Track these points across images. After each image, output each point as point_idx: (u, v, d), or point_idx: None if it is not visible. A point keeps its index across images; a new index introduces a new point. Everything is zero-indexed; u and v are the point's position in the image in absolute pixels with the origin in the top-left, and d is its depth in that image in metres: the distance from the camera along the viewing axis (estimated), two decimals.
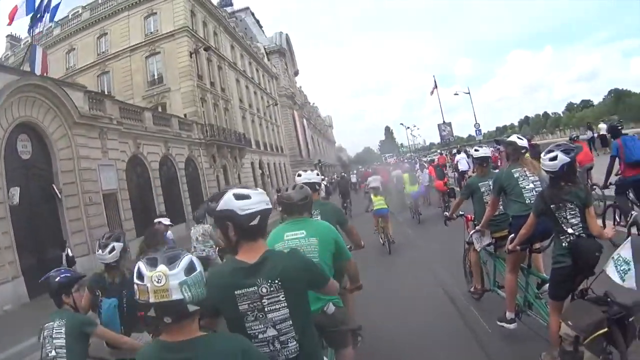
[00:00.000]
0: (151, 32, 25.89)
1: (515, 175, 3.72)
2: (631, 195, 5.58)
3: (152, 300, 1.35)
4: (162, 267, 1.37)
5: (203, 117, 25.52)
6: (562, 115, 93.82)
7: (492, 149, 12.32)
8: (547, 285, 3.15)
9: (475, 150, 4.90)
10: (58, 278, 2.77)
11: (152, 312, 1.36)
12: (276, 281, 1.73)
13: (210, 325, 1.76)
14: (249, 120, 35.89)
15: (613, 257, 2.60)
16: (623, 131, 6.00)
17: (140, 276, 1.38)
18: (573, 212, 2.85)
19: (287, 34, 57.72)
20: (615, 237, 3.26)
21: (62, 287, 2.76)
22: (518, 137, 3.91)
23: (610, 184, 5.86)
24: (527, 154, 3.96)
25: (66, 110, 13.02)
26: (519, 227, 3.28)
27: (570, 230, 2.83)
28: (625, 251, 2.57)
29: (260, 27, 55.79)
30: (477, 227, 4.36)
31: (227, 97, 30.46)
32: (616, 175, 5.72)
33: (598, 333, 2.42)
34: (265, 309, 1.73)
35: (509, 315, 3.76)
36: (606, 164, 5.85)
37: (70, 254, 9.57)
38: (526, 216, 3.21)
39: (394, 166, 21.80)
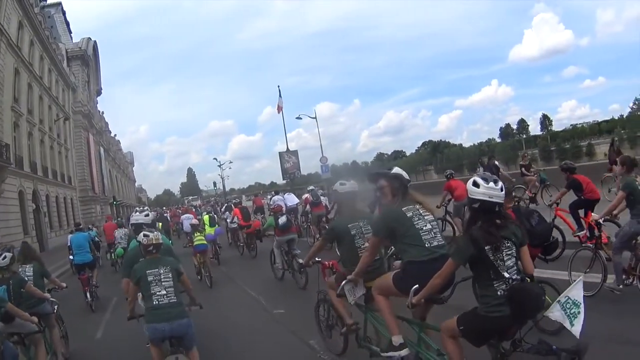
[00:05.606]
0: None
1: (409, 215, 3.14)
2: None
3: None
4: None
5: None
6: (370, 164, 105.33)
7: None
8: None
9: (341, 184, 4.19)
10: None
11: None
12: (167, 267, 3.90)
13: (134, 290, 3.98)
14: (24, 130, 25.24)
15: (559, 301, 2.50)
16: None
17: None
18: (509, 253, 2.58)
19: (95, 41, 47.33)
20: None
21: None
22: (403, 170, 3.40)
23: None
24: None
25: None
26: (419, 275, 2.88)
27: (506, 275, 2.52)
28: (575, 292, 2.46)
29: (70, 32, 44.37)
30: (349, 277, 3.63)
31: None
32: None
33: None
34: (162, 280, 3.81)
35: (396, 339, 3.13)
36: None
37: None
38: (427, 262, 2.93)
39: (203, 208, 24.48)
